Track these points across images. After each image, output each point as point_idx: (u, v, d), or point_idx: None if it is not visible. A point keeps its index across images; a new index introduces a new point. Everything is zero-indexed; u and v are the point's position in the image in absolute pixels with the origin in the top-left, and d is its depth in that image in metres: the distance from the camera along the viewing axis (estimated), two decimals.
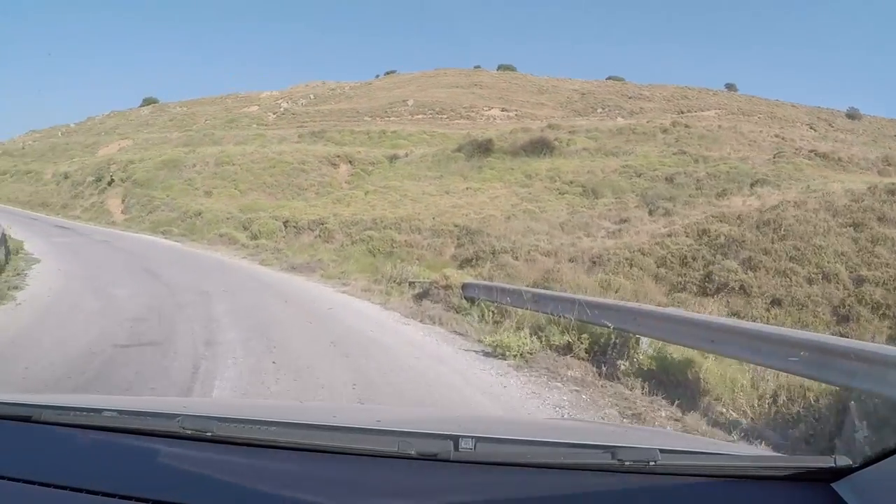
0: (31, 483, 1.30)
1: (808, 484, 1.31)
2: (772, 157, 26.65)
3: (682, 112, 57.09)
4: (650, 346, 7.09)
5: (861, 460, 1.27)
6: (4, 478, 1.32)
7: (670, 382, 6.33)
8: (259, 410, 2.26)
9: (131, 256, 17.14)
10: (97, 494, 1.26)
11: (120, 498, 1.24)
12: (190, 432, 1.45)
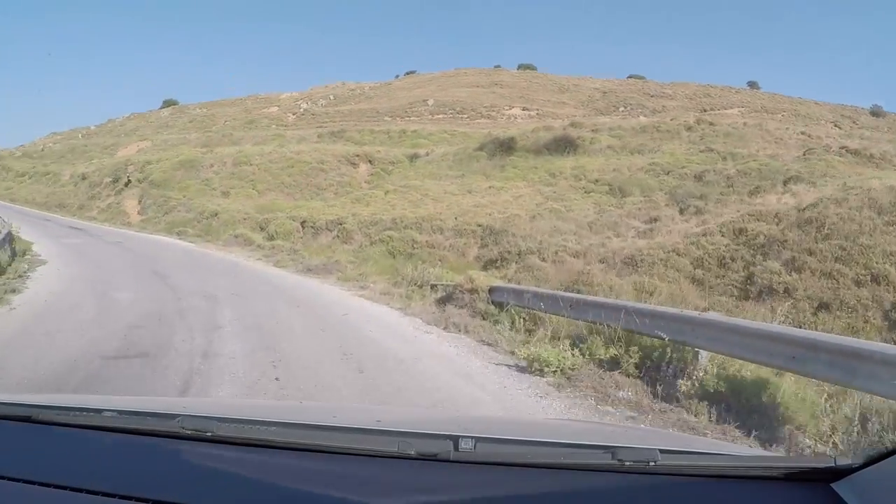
0: (31, 483, 1.29)
1: (808, 484, 1.30)
2: (802, 154, 26.10)
3: (704, 110, 56.20)
4: (709, 361, 6.11)
5: (861, 460, 1.26)
6: (4, 478, 1.31)
7: (742, 407, 5.32)
8: (259, 410, 2.18)
9: (141, 258, 16.44)
10: (97, 494, 1.25)
11: (120, 498, 1.23)
12: (190, 432, 1.44)
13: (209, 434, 1.43)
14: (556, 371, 6.15)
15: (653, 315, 6.52)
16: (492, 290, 9.93)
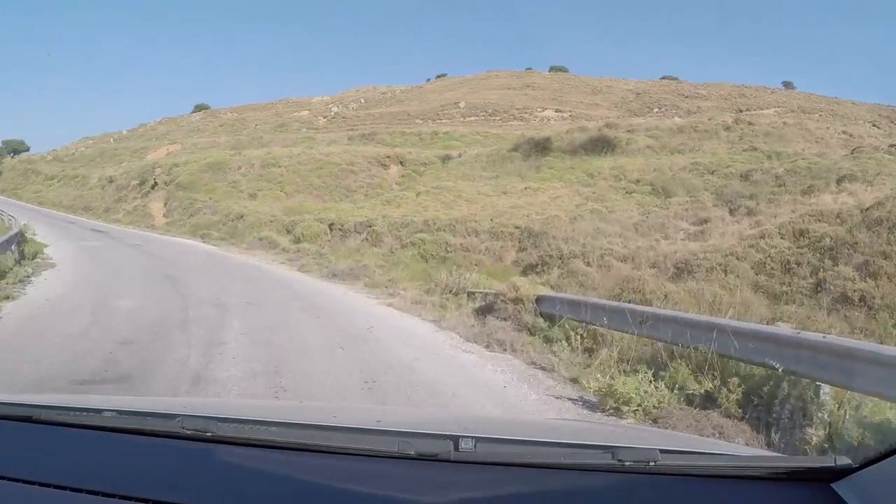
0: (31, 483, 1.25)
1: (807, 484, 1.26)
2: (850, 153, 25.28)
3: (740, 111, 54.72)
4: (832, 398, 4.67)
5: (861, 460, 1.23)
6: (4, 478, 1.27)
7: None
8: (259, 410, 2.10)
9: (158, 261, 15.43)
10: (97, 494, 1.21)
11: (120, 498, 1.19)
12: (190, 432, 1.40)
13: (209, 434, 1.38)
14: (636, 409, 4.76)
15: (758, 336, 5.10)
16: (540, 300, 8.56)
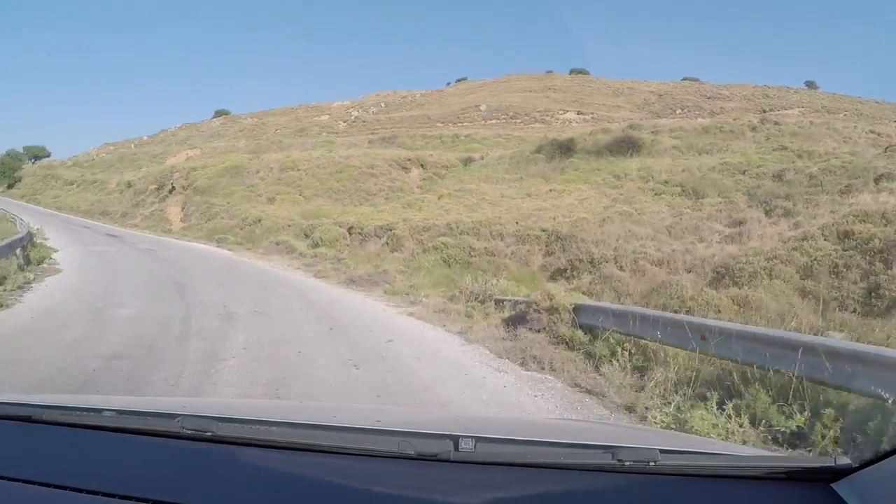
0: (31, 483, 1.25)
1: (807, 484, 1.26)
2: (883, 151, 23.79)
3: (764, 111, 53.65)
4: None
5: (861, 460, 1.23)
6: (4, 478, 1.27)
7: None
8: (259, 410, 2.08)
9: (168, 266, 14.74)
10: (97, 494, 1.21)
11: (120, 498, 1.19)
12: (190, 432, 1.40)
13: (209, 434, 1.39)
14: None
15: (860, 359, 4.16)
16: (578, 310, 7.63)
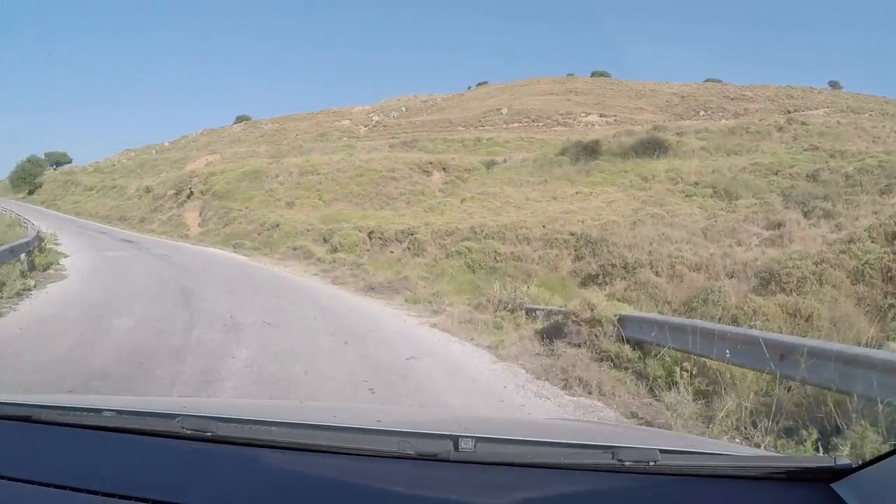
0: (31, 483, 1.24)
1: (807, 484, 1.25)
2: None
3: (788, 111, 52.10)
4: None
5: (861, 460, 1.23)
6: (4, 478, 1.26)
7: None
8: (259, 410, 2.04)
9: (179, 273, 14.04)
10: (97, 494, 1.20)
11: (120, 498, 1.18)
12: (190, 432, 1.39)
13: (209, 434, 1.38)
14: None
15: None
16: (624, 322, 6.73)
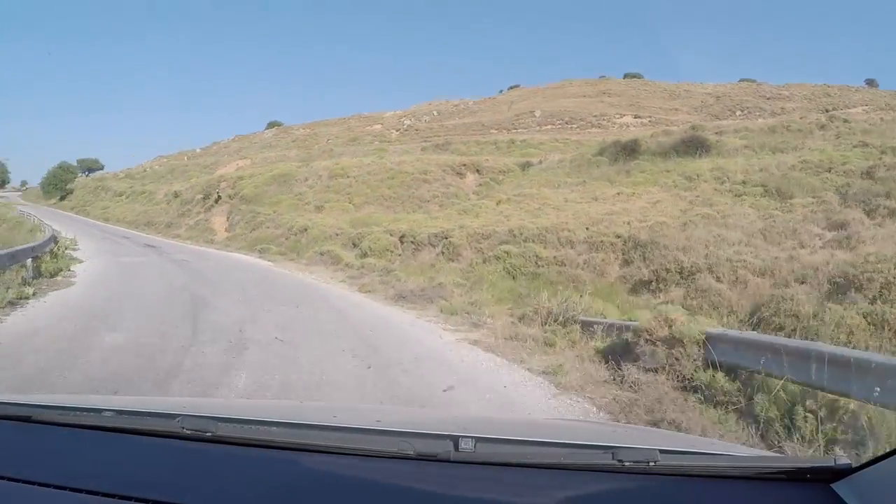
0: (31, 483, 1.24)
1: (807, 484, 1.25)
2: None
3: (827, 110, 50.08)
4: None
5: (861, 461, 1.22)
6: (4, 478, 1.26)
7: None
8: (259, 410, 2.06)
9: (195, 280, 13.03)
10: (97, 494, 1.20)
11: (120, 498, 1.18)
12: (190, 432, 1.39)
13: (209, 434, 1.38)
14: None
15: None
16: (712, 341, 5.42)
